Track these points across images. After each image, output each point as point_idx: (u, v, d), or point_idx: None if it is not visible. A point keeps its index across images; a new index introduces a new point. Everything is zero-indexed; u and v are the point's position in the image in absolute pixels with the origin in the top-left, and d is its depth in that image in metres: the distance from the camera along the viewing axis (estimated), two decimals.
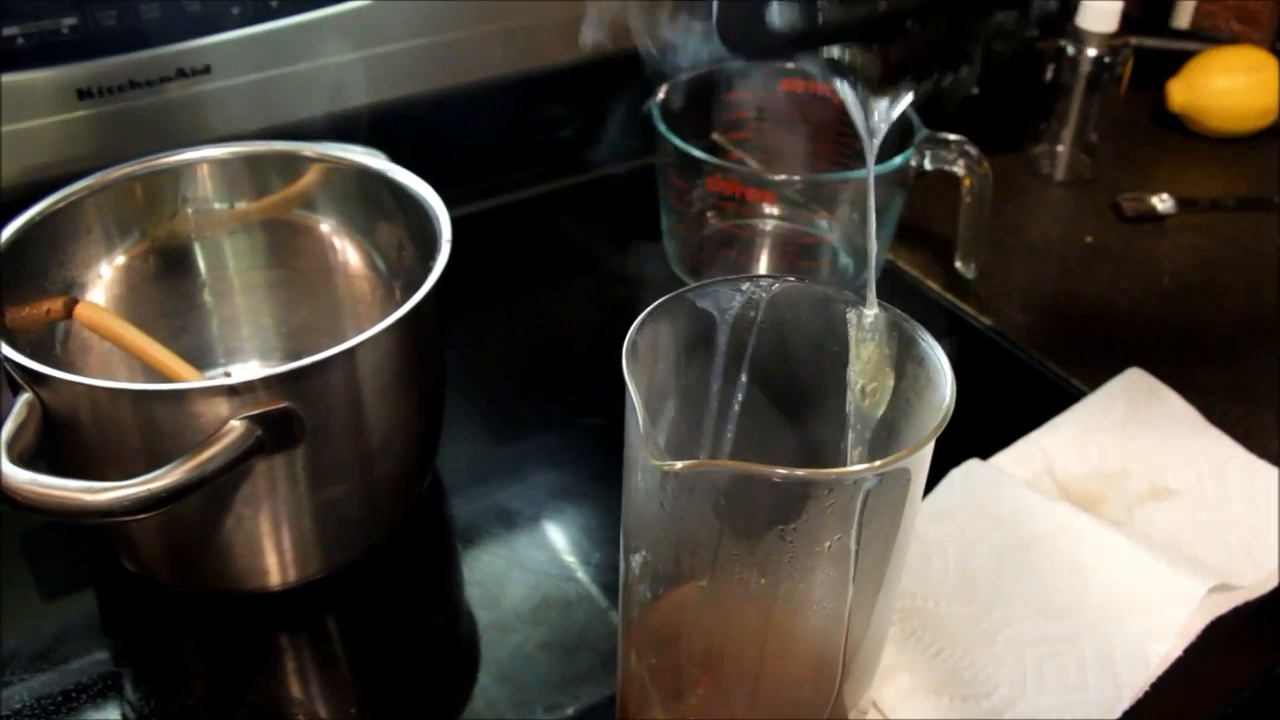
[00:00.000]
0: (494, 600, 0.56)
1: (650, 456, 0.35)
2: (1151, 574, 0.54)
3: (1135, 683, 0.51)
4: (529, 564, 0.58)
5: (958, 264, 0.75)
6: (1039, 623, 0.54)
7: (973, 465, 0.61)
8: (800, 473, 0.35)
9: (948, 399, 0.37)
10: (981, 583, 0.56)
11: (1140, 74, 0.91)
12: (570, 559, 0.58)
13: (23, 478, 0.43)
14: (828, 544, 0.38)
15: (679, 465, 0.35)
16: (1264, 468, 0.63)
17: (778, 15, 0.36)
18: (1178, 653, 0.53)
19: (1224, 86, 0.91)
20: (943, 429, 0.37)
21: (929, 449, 0.38)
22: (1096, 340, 0.73)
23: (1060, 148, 0.88)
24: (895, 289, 0.76)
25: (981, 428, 0.65)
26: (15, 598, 0.57)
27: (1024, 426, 0.65)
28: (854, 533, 0.37)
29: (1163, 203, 0.84)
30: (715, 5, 0.35)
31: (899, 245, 0.79)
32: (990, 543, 0.57)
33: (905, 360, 0.41)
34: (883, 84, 0.39)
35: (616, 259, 0.76)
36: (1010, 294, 0.76)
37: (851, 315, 0.42)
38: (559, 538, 0.60)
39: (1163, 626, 0.53)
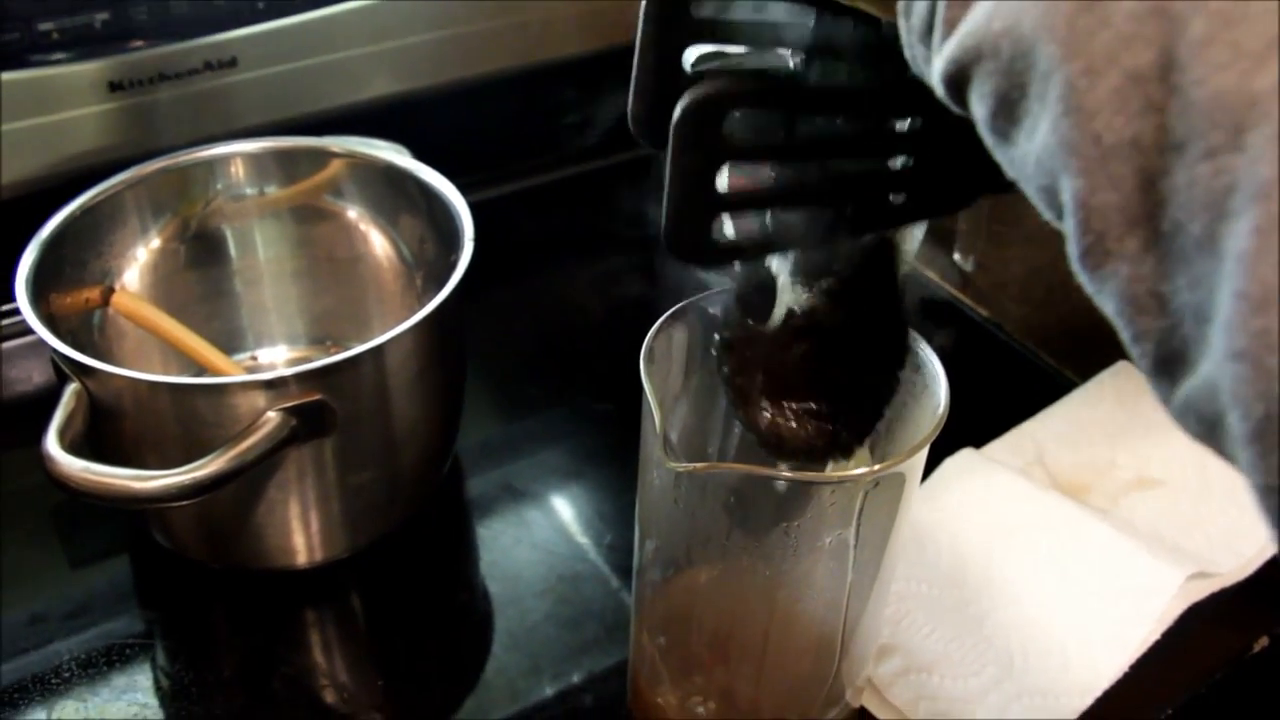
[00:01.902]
0: (509, 578, 0.59)
1: (666, 458, 0.38)
2: (1132, 562, 0.57)
3: (1114, 664, 0.54)
4: (543, 543, 0.61)
5: (956, 256, 0.77)
6: (1025, 607, 0.57)
7: (966, 454, 0.64)
8: (803, 475, 0.38)
9: (942, 406, 0.40)
10: (972, 568, 0.59)
11: None
12: (582, 539, 0.61)
13: (76, 466, 0.46)
14: (828, 539, 0.41)
15: (692, 467, 0.38)
16: None
17: (730, 227, 0.36)
18: (1156, 636, 0.56)
19: None
20: (937, 434, 0.40)
21: (924, 453, 0.40)
22: (1090, 332, 0.75)
23: None
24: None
25: (976, 417, 0.67)
26: (47, 566, 0.60)
27: (1017, 416, 0.67)
28: (853, 529, 0.40)
29: None
30: (664, 215, 0.35)
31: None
32: (981, 529, 0.60)
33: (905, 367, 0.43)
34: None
35: (629, 246, 0.78)
36: (1007, 285, 0.79)
37: None
38: (572, 519, 0.63)
39: (1142, 612, 0.56)
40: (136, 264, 0.63)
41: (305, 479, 0.53)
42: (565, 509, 0.63)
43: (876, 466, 0.39)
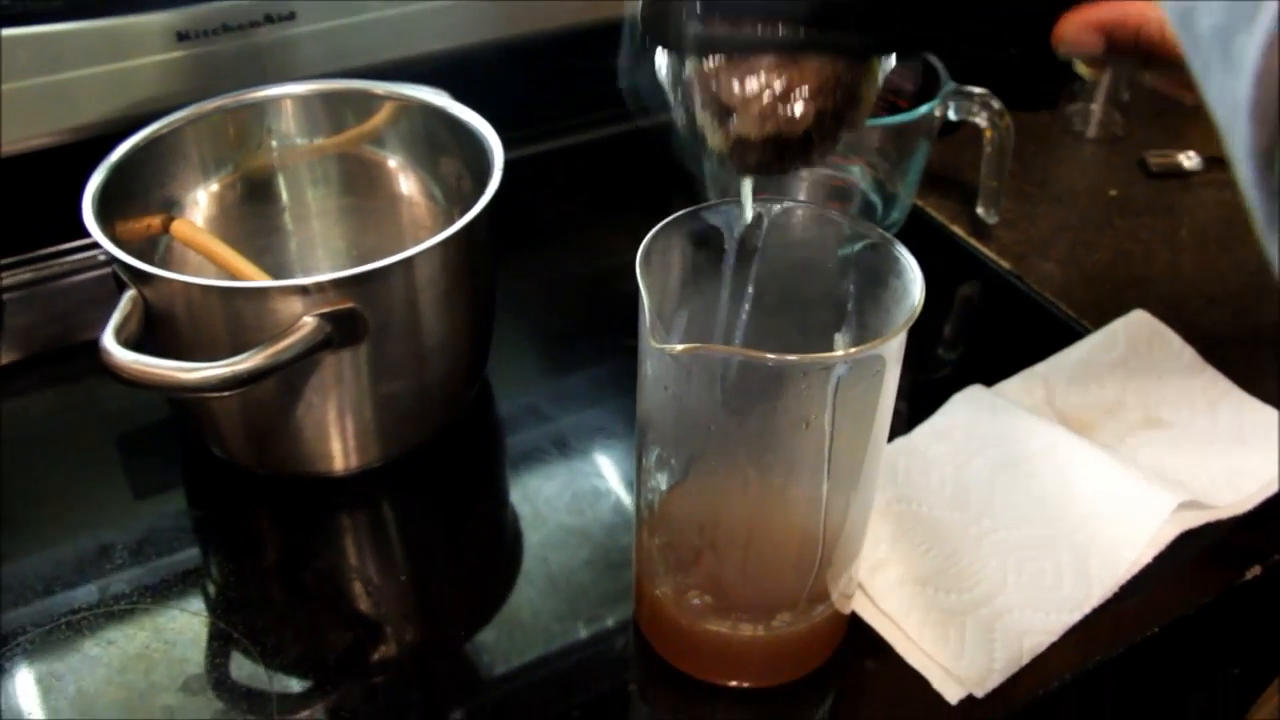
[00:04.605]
0: (532, 492, 0.63)
1: (653, 340, 0.42)
2: (1128, 487, 0.59)
3: (1105, 583, 0.56)
4: (568, 466, 0.64)
5: (979, 210, 0.80)
6: (1023, 529, 0.59)
7: (974, 390, 0.66)
8: (781, 357, 0.41)
9: (916, 302, 0.43)
10: (974, 493, 0.61)
11: None
12: (605, 463, 0.65)
13: (129, 358, 0.51)
14: (806, 423, 0.43)
15: (679, 349, 0.41)
16: (1256, 405, 0.67)
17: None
18: (1148, 559, 0.58)
19: None
20: (911, 323, 0.42)
21: (898, 342, 0.43)
22: (1109, 286, 0.77)
23: (1094, 106, 0.92)
24: (923, 232, 0.81)
25: (991, 361, 0.70)
26: (112, 493, 0.64)
27: (1031, 362, 0.69)
28: (828, 415, 0.43)
29: (1189, 160, 0.88)
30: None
31: (927, 192, 0.84)
32: (985, 458, 0.62)
33: (887, 274, 0.46)
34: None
35: (660, 201, 0.81)
36: (1031, 241, 0.81)
37: None
38: (595, 446, 0.66)
39: (1135, 535, 0.58)
40: (195, 200, 0.67)
41: (341, 385, 0.57)
42: (590, 437, 0.66)
43: (852, 350, 0.42)
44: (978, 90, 0.74)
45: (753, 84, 0.42)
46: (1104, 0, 0.50)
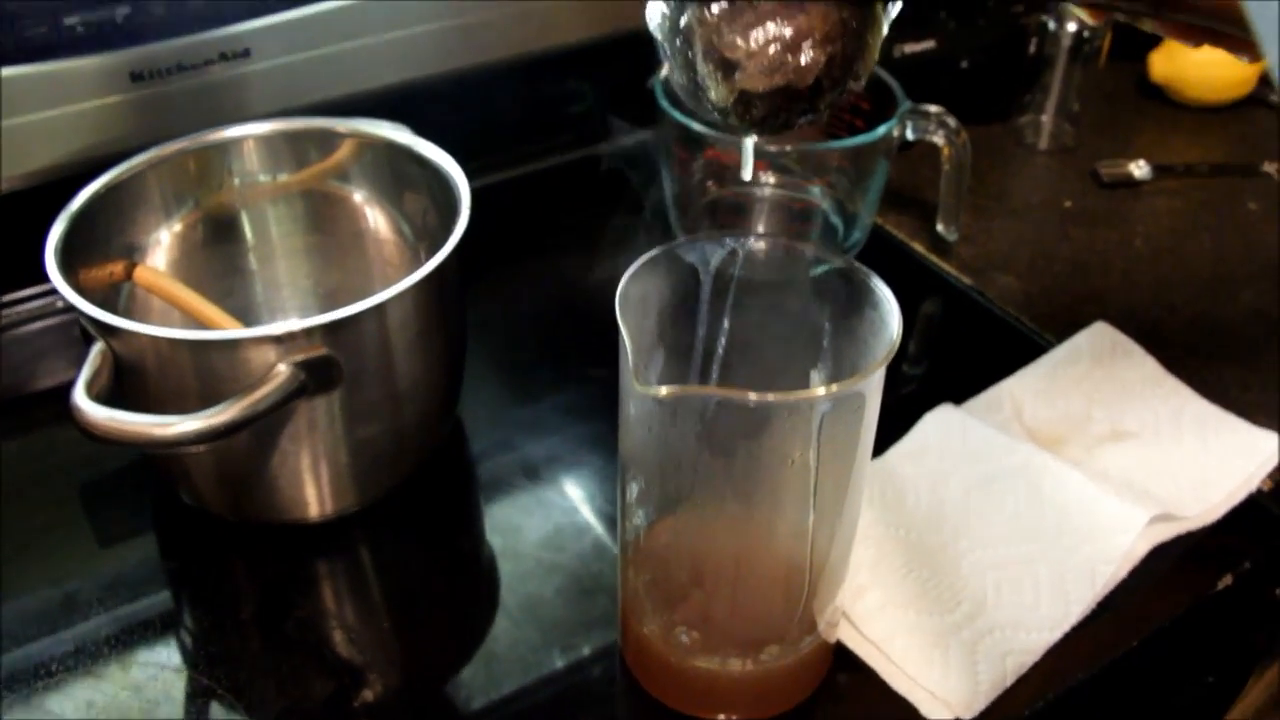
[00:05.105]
0: (509, 530, 0.62)
1: (637, 385, 0.42)
2: (1100, 504, 0.60)
3: (1083, 600, 0.57)
4: (541, 498, 0.64)
5: (939, 227, 0.80)
6: (999, 548, 0.60)
7: (945, 409, 0.67)
8: (763, 397, 0.41)
9: (894, 335, 0.43)
10: (950, 513, 0.62)
11: (1125, 46, 0.96)
12: (577, 493, 0.64)
13: (102, 414, 0.50)
14: (790, 461, 0.44)
15: (663, 391, 0.42)
16: (1218, 413, 0.68)
17: None
18: (1123, 574, 0.59)
19: (1203, 57, 0.96)
20: (889, 359, 0.43)
21: (879, 377, 0.44)
22: (1069, 298, 0.78)
23: (1044, 118, 0.94)
24: (884, 250, 0.82)
25: (958, 378, 0.71)
26: (78, 544, 0.63)
27: (999, 378, 0.70)
28: (813, 451, 0.43)
29: (1139, 169, 0.90)
30: None
31: (886, 209, 0.84)
32: (959, 479, 0.63)
33: (863, 305, 0.47)
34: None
35: (624, 226, 0.82)
36: (990, 255, 0.82)
37: None
38: (568, 476, 0.66)
39: (1109, 551, 0.58)
40: (158, 242, 0.66)
41: (315, 431, 0.57)
42: (564, 470, 0.66)
43: (834, 387, 0.42)
44: (933, 109, 0.75)
45: (759, 34, 0.41)
46: None
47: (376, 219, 0.70)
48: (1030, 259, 0.82)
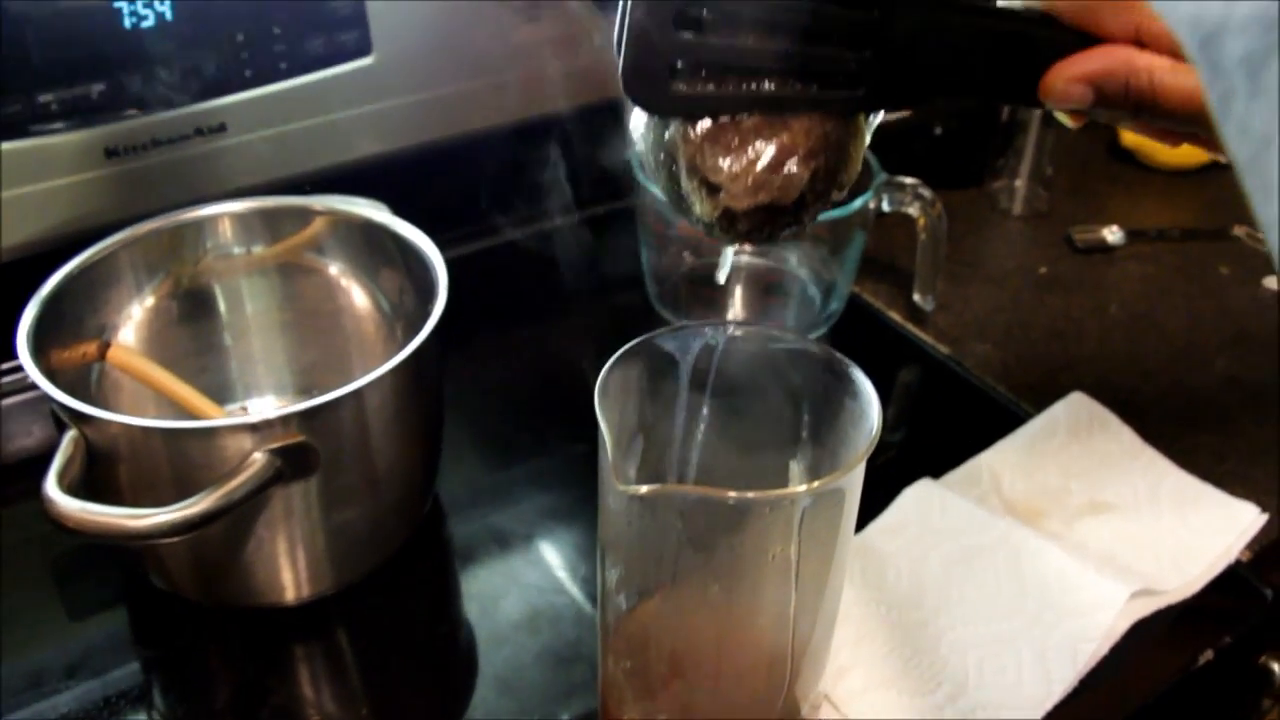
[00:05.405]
0: (490, 612, 0.62)
1: (618, 483, 0.41)
2: (1081, 580, 0.60)
3: (1065, 679, 0.57)
4: (522, 578, 0.64)
5: (916, 297, 0.81)
6: (980, 626, 0.60)
7: (924, 485, 0.67)
8: (743, 494, 0.41)
9: (874, 428, 0.43)
10: (930, 591, 0.61)
11: None
12: (559, 573, 0.64)
13: (74, 506, 0.49)
14: (771, 555, 0.43)
15: (643, 490, 0.41)
16: (1195, 484, 0.68)
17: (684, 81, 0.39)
18: (1104, 651, 0.59)
19: None
20: (870, 453, 0.43)
21: (860, 470, 0.43)
22: (1046, 366, 0.79)
23: (1018, 182, 0.95)
24: (861, 319, 0.82)
25: (937, 449, 0.71)
26: (47, 619, 0.62)
27: (976, 447, 0.70)
28: (794, 545, 0.43)
29: (1113, 234, 0.91)
30: (620, 57, 0.37)
31: (864, 279, 0.85)
32: (939, 555, 0.63)
33: (843, 395, 0.47)
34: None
35: (602, 295, 0.82)
36: (967, 324, 0.82)
37: None
38: (549, 554, 0.65)
39: (1090, 628, 0.58)
40: (131, 320, 0.66)
41: (292, 517, 0.56)
42: (542, 545, 0.66)
43: (815, 483, 0.42)
44: (909, 181, 0.76)
45: (743, 156, 0.41)
46: (1090, 51, 0.49)
47: (353, 295, 0.70)
48: (1006, 326, 0.82)
